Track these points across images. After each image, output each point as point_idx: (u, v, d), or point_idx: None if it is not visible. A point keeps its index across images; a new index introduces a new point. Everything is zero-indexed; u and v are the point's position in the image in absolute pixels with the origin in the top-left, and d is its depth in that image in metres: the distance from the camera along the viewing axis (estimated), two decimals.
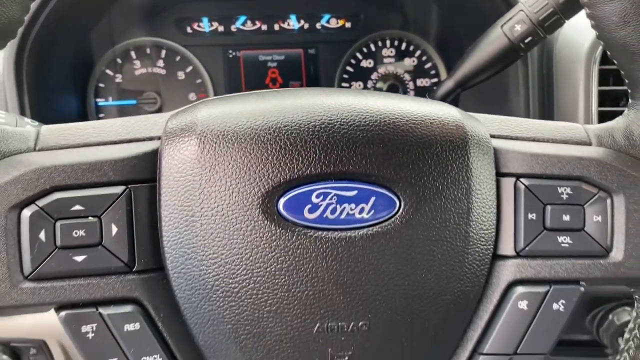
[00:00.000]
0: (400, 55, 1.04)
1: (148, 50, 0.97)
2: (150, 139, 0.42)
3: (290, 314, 0.40)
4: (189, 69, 0.98)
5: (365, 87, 1.03)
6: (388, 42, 1.03)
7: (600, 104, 0.75)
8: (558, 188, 0.44)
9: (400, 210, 0.41)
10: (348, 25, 1.02)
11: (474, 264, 0.43)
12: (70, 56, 0.92)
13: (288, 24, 1.00)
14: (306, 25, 1.00)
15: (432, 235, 0.41)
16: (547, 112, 0.80)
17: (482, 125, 0.45)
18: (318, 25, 1.01)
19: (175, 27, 0.98)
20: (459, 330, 0.45)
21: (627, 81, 0.46)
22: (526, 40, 0.66)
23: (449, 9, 0.98)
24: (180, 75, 0.98)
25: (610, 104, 0.77)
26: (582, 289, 0.45)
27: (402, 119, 0.41)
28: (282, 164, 0.39)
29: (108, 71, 0.97)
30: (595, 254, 0.44)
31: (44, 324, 0.80)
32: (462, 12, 0.94)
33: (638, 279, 0.44)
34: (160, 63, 0.97)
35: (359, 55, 1.02)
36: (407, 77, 1.03)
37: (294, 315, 0.40)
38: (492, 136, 0.45)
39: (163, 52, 0.97)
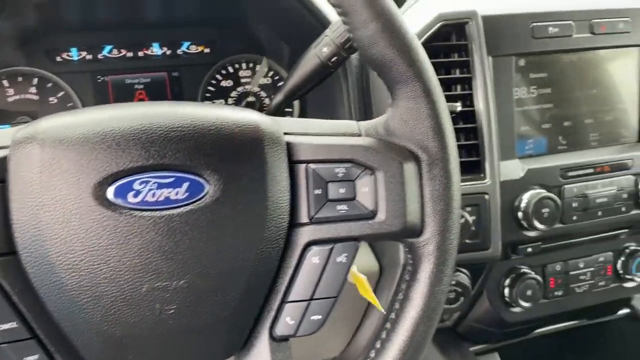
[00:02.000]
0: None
1: (20, 78, 1.00)
2: (1, 147, 0.49)
3: (122, 279, 0.48)
4: (61, 94, 1.02)
5: (226, 104, 1.11)
6: (244, 65, 1.13)
7: None
8: (335, 169, 0.55)
9: (209, 191, 0.50)
10: (207, 50, 1.10)
11: (273, 230, 0.52)
12: None
13: (152, 51, 1.07)
14: (168, 52, 1.08)
15: (236, 209, 0.50)
16: (367, 115, 0.93)
17: (278, 125, 0.55)
18: (179, 51, 1.09)
19: (46, 57, 1.01)
20: (266, 283, 0.54)
21: (386, 87, 0.59)
22: (332, 60, 0.78)
23: (294, 40, 1.09)
24: (53, 100, 1.01)
25: None
26: (359, 244, 0.56)
27: (208, 121, 0.51)
28: (108, 161, 0.47)
29: None
30: (365, 216, 0.55)
31: None
32: (303, 43, 1.05)
33: (396, 232, 0.56)
34: (33, 90, 1.00)
35: (218, 77, 1.11)
36: (263, 94, 1.14)
37: (125, 279, 0.48)
38: (286, 133, 0.56)
39: (35, 80, 1.00)
